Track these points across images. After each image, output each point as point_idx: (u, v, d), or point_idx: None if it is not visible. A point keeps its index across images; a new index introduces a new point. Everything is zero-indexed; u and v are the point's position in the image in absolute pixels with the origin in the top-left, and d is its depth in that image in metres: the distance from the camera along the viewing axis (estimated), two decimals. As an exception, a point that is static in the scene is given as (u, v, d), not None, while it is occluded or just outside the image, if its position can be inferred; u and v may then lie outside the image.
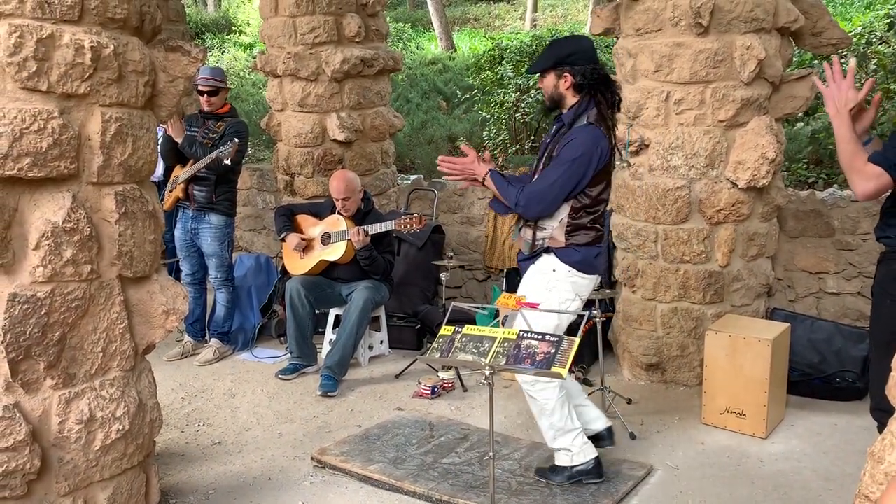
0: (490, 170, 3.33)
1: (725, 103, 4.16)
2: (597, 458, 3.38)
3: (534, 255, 3.32)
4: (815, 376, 4.36)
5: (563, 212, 3.24)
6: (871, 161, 2.54)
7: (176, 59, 2.62)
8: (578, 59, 3.23)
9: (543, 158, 3.34)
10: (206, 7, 20.91)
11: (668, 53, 4.19)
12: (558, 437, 3.34)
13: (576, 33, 10.42)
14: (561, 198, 3.20)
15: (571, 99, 3.27)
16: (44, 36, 2.20)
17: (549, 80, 3.28)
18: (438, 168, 3.41)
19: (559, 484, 3.36)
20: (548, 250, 3.28)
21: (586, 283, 3.33)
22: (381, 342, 5.23)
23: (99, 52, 2.30)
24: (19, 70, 2.17)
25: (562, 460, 3.38)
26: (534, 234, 3.30)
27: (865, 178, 2.53)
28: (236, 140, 4.78)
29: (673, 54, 4.18)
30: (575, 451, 3.34)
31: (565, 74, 3.23)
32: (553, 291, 3.26)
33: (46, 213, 2.29)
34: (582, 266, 3.27)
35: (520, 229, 3.39)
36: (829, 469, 3.53)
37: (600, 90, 3.25)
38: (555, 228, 3.26)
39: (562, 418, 3.31)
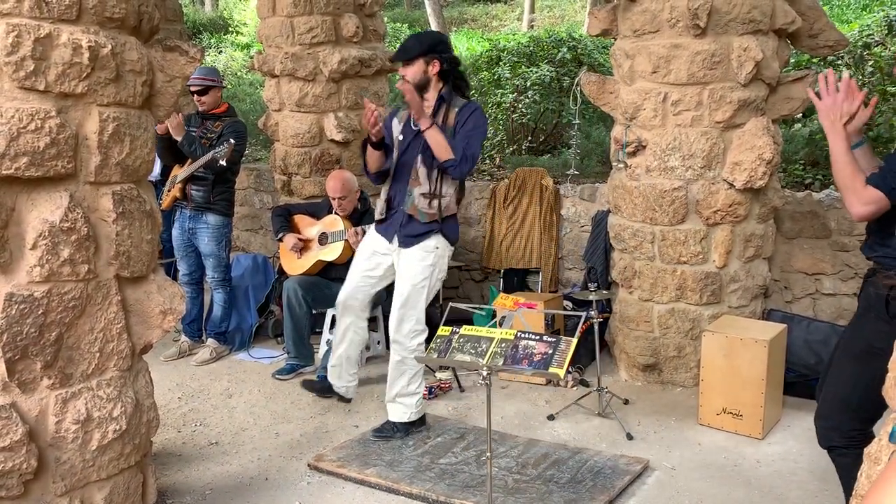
0: (435, 123, 3.64)
1: (722, 104, 4.17)
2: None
3: (423, 233, 3.72)
4: (811, 377, 4.36)
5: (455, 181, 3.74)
6: (869, 183, 2.44)
7: (174, 59, 2.62)
8: (444, 49, 3.73)
9: (415, 139, 3.74)
10: (204, 6, 20.87)
11: (666, 55, 4.20)
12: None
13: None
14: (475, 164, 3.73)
15: (437, 83, 3.72)
16: (41, 35, 2.19)
17: (419, 66, 3.67)
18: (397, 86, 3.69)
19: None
20: (434, 230, 3.72)
21: (450, 254, 3.89)
22: (378, 342, 5.22)
23: (97, 52, 2.30)
24: (17, 69, 2.17)
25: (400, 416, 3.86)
26: (439, 203, 3.70)
27: (864, 201, 2.44)
28: (232, 141, 4.77)
29: (670, 55, 4.19)
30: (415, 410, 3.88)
31: (434, 61, 3.67)
32: (435, 268, 3.77)
33: (44, 212, 2.28)
34: (455, 239, 3.85)
35: (416, 197, 3.72)
36: (826, 470, 3.52)
37: (455, 76, 3.75)
38: (451, 196, 3.73)
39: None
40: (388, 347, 5.20)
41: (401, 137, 3.78)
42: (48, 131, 2.23)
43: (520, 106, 7.44)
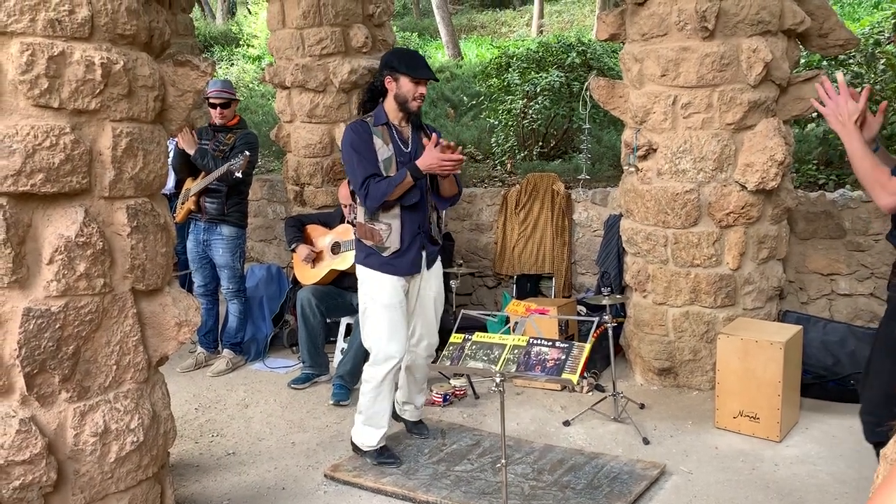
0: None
1: (733, 106, 4.16)
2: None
3: (438, 249, 3.71)
4: (829, 379, 4.33)
5: None
6: (895, 175, 2.48)
7: (185, 74, 2.65)
8: None
9: (417, 155, 3.55)
10: (215, 20, 21.06)
11: (675, 58, 4.20)
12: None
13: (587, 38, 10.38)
14: None
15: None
16: (55, 53, 2.23)
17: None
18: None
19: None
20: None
21: None
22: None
23: (109, 69, 2.33)
24: (31, 87, 2.20)
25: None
26: (438, 221, 3.69)
27: (891, 192, 2.47)
28: (247, 153, 4.81)
29: (679, 58, 4.19)
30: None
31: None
32: None
33: (59, 227, 2.31)
34: None
35: (434, 222, 3.66)
36: (846, 472, 3.50)
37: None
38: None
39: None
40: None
41: (400, 160, 3.53)
42: (63, 147, 2.26)
43: (530, 112, 7.45)
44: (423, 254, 3.62)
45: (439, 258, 3.77)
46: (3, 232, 2.18)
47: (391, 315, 3.53)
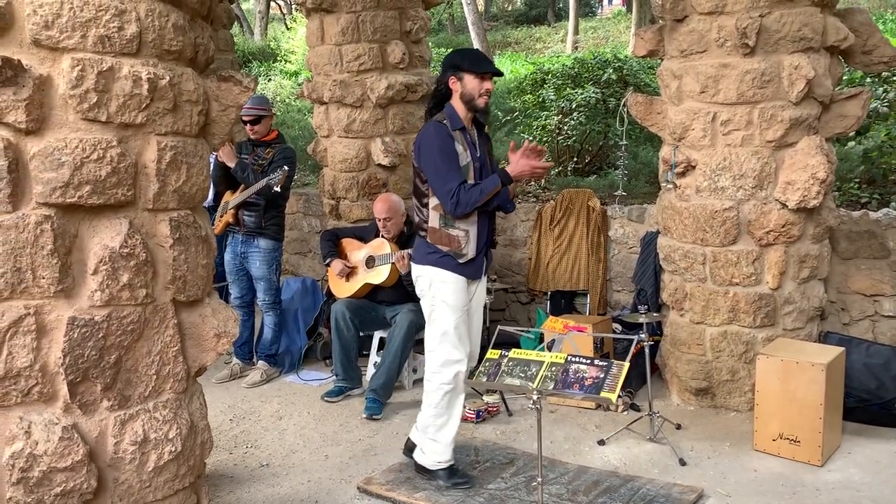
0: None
1: (773, 123, 4.11)
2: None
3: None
4: (872, 402, 4.22)
5: None
6: None
7: (228, 89, 2.69)
8: None
9: (485, 160, 3.55)
10: (253, 36, 21.42)
11: (714, 74, 4.16)
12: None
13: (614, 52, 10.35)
14: None
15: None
16: (104, 69, 2.28)
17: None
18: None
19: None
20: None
21: None
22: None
23: (155, 84, 2.37)
24: (80, 101, 2.25)
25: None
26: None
27: None
28: (286, 168, 4.87)
29: (719, 75, 4.15)
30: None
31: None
32: None
33: (104, 238, 2.35)
34: None
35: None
36: (890, 499, 3.40)
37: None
38: None
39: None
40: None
41: (476, 165, 3.47)
42: (109, 160, 2.30)
43: (565, 128, 7.43)
44: (484, 258, 3.60)
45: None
46: (50, 242, 2.23)
47: (459, 318, 3.48)
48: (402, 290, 4.88)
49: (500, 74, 3.62)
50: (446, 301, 3.48)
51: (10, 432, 2.25)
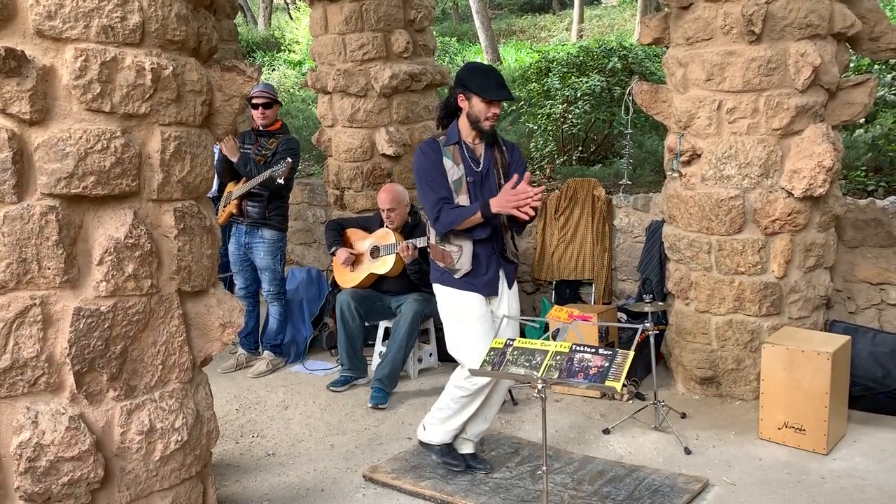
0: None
1: (780, 111, 4.08)
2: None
3: (515, 267, 3.62)
4: (878, 391, 4.22)
5: None
6: None
7: (231, 79, 2.69)
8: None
9: (497, 174, 3.46)
10: (257, 26, 21.37)
11: (720, 62, 4.13)
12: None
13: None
14: None
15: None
16: (107, 59, 2.28)
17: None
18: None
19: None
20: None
21: None
22: (431, 354, 5.24)
23: (159, 74, 2.37)
24: (84, 92, 2.25)
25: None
26: (513, 239, 3.58)
27: None
28: (289, 160, 4.87)
29: (724, 63, 4.12)
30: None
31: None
32: None
33: (109, 229, 2.36)
34: None
35: (508, 242, 3.54)
36: (896, 487, 3.41)
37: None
38: None
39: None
40: (440, 360, 5.24)
41: (470, 180, 3.42)
42: (114, 151, 2.31)
43: (570, 116, 7.40)
44: (501, 273, 3.51)
45: (515, 282, 3.65)
46: (55, 233, 2.24)
47: (468, 329, 3.41)
48: (406, 280, 4.88)
49: (511, 99, 3.58)
50: (450, 312, 3.48)
51: (17, 422, 2.27)
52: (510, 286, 3.56)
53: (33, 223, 2.23)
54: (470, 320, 3.42)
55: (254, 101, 5.08)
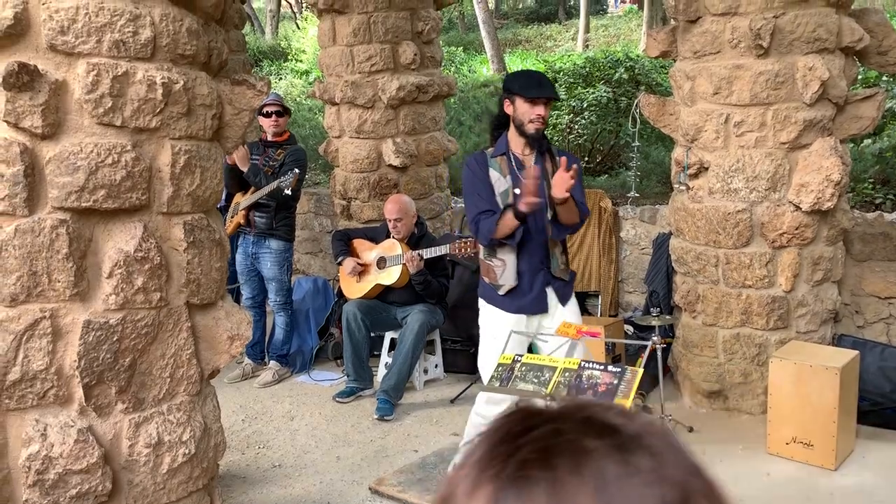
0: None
1: (787, 125, 4.08)
2: None
3: (570, 282, 3.49)
4: (887, 406, 4.19)
5: None
6: None
7: (241, 92, 2.70)
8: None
9: (547, 184, 3.26)
10: (264, 35, 21.47)
11: (728, 75, 4.14)
12: None
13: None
14: None
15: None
16: (119, 73, 2.29)
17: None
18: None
19: None
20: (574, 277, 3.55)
21: None
22: (436, 366, 5.23)
23: (170, 88, 2.38)
24: (96, 106, 2.27)
25: None
26: (563, 254, 3.45)
27: None
28: (297, 171, 4.88)
29: (732, 76, 4.13)
30: None
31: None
32: None
33: (119, 242, 2.36)
34: None
35: (558, 257, 3.41)
36: (905, 504, 3.38)
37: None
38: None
39: None
40: (446, 371, 5.23)
41: (517, 192, 3.25)
42: (124, 165, 2.32)
43: (576, 127, 7.42)
44: (550, 290, 3.36)
45: (573, 295, 3.51)
46: (66, 246, 2.25)
47: (497, 348, 3.21)
48: (412, 291, 4.88)
49: (556, 99, 3.41)
50: (485, 329, 3.42)
51: (26, 434, 2.27)
52: (564, 303, 3.40)
53: (44, 236, 2.23)
54: (501, 339, 3.24)
55: (266, 109, 5.10)
